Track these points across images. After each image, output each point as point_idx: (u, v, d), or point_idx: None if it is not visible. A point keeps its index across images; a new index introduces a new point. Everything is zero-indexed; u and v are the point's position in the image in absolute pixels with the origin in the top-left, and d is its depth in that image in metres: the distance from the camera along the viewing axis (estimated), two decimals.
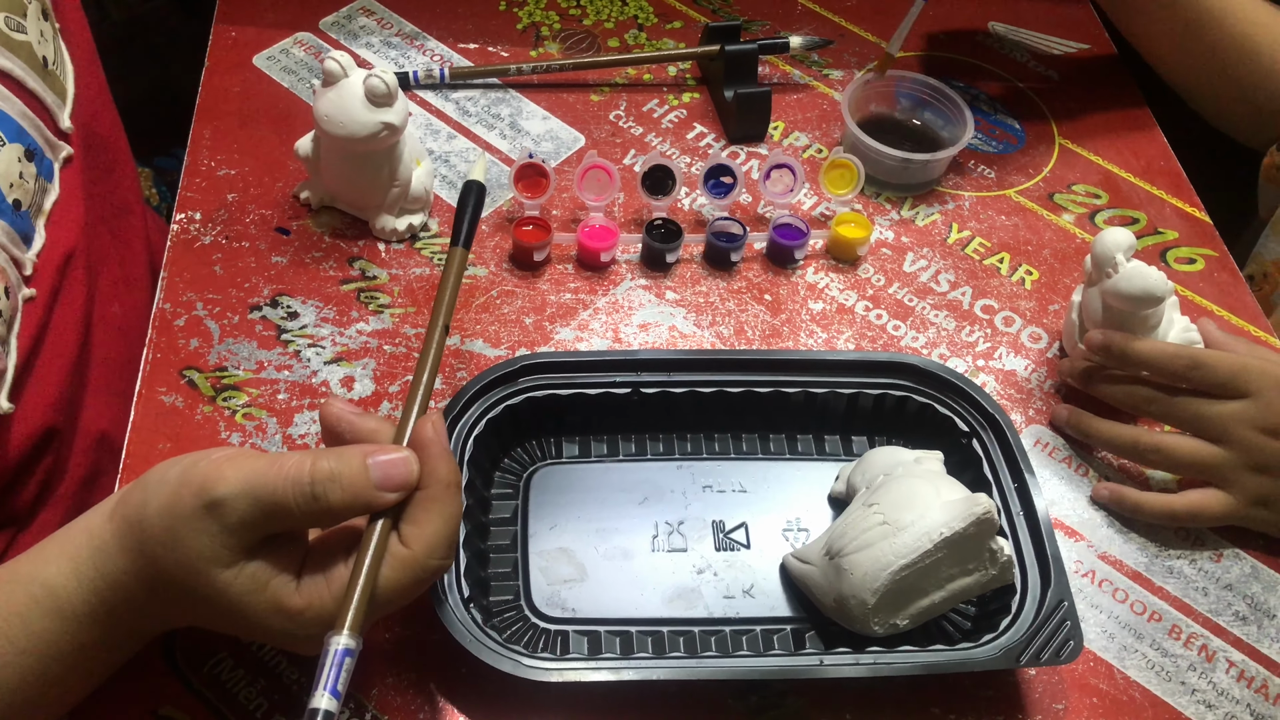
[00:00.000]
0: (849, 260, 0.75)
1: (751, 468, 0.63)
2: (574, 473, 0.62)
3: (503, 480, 0.61)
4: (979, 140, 0.85)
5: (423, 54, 0.85)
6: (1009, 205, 0.80)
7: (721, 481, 0.62)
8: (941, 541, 0.52)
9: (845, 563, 0.53)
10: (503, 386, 0.60)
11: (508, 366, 0.60)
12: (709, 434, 0.64)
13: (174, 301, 0.68)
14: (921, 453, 0.59)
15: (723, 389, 0.62)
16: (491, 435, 0.60)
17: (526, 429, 0.62)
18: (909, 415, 0.63)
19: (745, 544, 0.60)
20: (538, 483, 0.61)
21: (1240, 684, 0.58)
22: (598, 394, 0.61)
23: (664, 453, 0.63)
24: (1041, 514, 0.57)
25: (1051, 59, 0.92)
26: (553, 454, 0.63)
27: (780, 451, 0.64)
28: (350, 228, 0.73)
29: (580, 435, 0.63)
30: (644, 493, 0.61)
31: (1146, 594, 0.61)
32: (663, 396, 0.62)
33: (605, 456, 0.63)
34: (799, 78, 0.88)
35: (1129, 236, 0.64)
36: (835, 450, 0.64)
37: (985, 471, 0.60)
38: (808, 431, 0.64)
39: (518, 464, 0.62)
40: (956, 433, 0.62)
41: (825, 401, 0.63)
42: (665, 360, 0.62)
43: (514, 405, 0.60)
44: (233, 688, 0.54)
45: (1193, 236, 0.80)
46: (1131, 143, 0.86)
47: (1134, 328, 0.65)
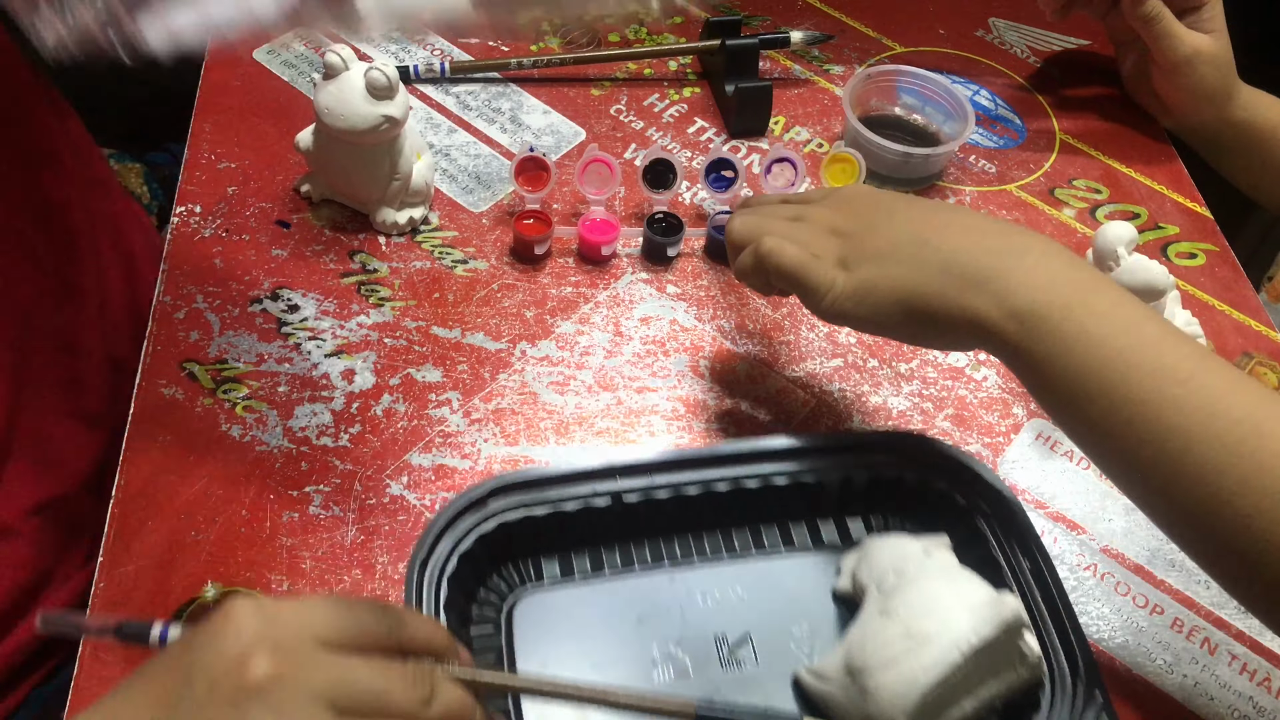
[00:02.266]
0: None
1: (747, 568, 0.59)
2: (559, 597, 0.57)
3: (482, 615, 0.55)
4: (980, 135, 0.85)
5: (423, 48, 0.85)
6: (1010, 200, 0.80)
7: (718, 589, 0.58)
8: (971, 653, 0.48)
9: (870, 683, 0.49)
10: (471, 513, 0.55)
11: (475, 493, 0.55)
12: (698, 535, 0.60)
13: (174, 294, 0.68)
14: (928, 540, 0.55)
15: (709, 487, 0.58)
16: (466, 569, 0.54)
17: (502, 556, 0.57)
18: (905, 494, 0.60)
19: (753, 659, 0.56)
20: (521, 614, 0.56)
21: (1243, 677, 0.58)
22: (576, 509, 0.56)
23: (652, 562, 0.59)
24: (1059, 595, 0.53)
25: (1052, 54, 0.92)
26: (533, 577, 0.57)
27: (775, 545, 0.60)
28: (351, 221, 0.73)
29: (561, 554, 0.58)
30: (637, 612, 0.56)
31: (1148, 587, 0.61)
32: (646, 502, 0.57)
33: (590, 574, 0.58)
34: (800, 73, 0.88)
35: (1130, 230, 0.64)
36: (832, 537, 0.60)
37: (993, 551, 0.56)
38: (800, 519, 0.61)
39: (496, 594, 0.56)
40: (957, 509, 0.58)
41: (818, 487, 0.59)
42: (645, 464, 0.57)
43: (486, 533, 0.55)
44: None
45: (1194, 231, 0.80)
46: (1132, 138, 0.86)
47: None
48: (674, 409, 0.66)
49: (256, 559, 0.57)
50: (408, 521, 0.60)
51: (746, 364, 0.68)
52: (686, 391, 0.67)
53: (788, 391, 0.67)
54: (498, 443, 0.63)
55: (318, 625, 0.41)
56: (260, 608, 0.41)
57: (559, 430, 0.64)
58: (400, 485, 0.61)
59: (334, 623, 0.42)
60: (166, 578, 0.56)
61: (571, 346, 0.68)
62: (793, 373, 0.68)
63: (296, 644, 0.40)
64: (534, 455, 0.63)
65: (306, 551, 0.58)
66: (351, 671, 0.41)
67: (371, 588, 0.57)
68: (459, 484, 0.61)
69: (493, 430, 0.63)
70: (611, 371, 0.67)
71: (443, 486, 0.61)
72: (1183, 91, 0.81)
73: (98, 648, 0.54)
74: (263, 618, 0.41)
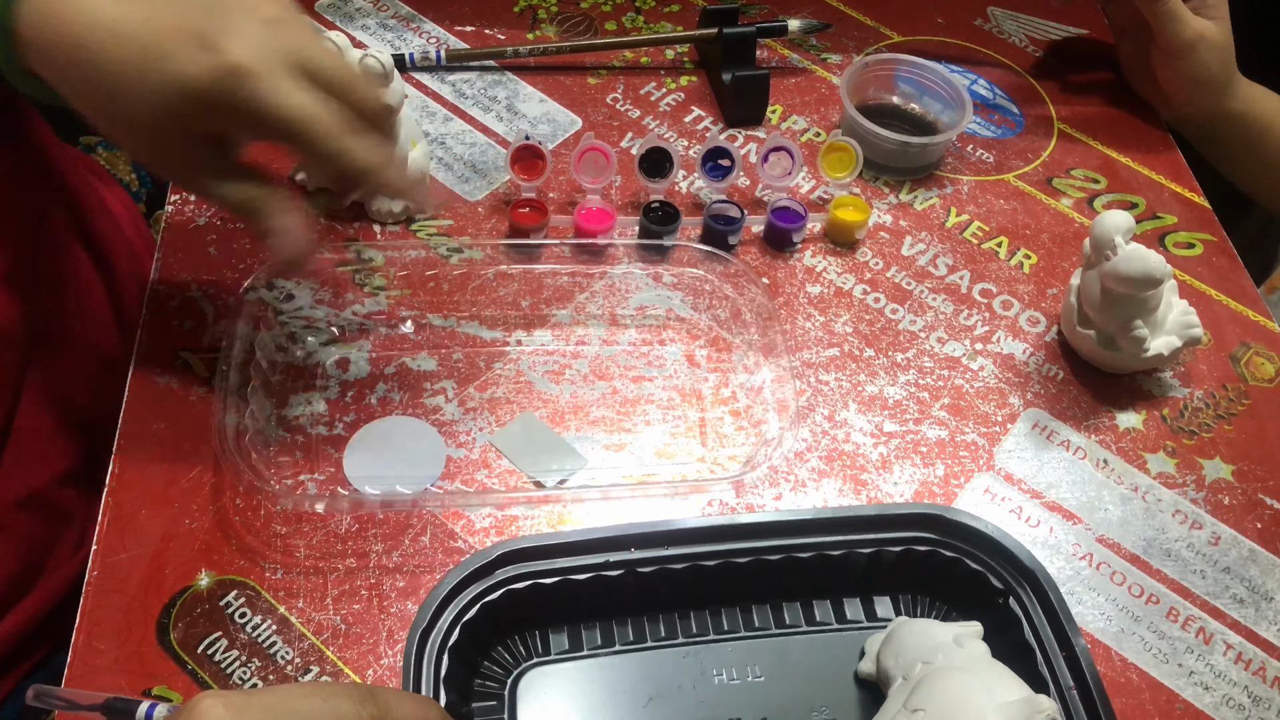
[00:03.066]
0: (847, 244, 0.75)
1: (766, 646, 0.56)
2: (566, 673, 0.54)
3: (484, 690, 0.53)
4: (978, 125, 0.84)
5: (419, 36, 0.84)
6: (1008, 190, 0.80)
7: (735, 668, 0.55)
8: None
9: None
10: (478, 582, 0.53)
11: (482, 558, 0.52)
12: (715, 610, 0.57)
13: (168, 282, 0.67)
14: (959, 628, 0.52)
15: (729, 559, 0.55)
16: (468, 640, 0.52)
17: (508, 627, 0.54)
18: (936, 572, 0.57)
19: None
20: (525, 690, 0.53)
21: (1238, 666, 0.58)
22: (587, 579, 0.54)
23: (666, 637, 0.56)
24: (1095, 687, 0.51)
25: (1050, 44, 0.92)
26: (539, 650, 0.55)
27: (796, 622, 0.57)
28: (346, 210, 0.72)
29: (570, 626, 0.55)
30: (648, 691, 0.54)
31: (1144, 576, 0.61)
32: (661, 574, 0.55)
33: (600, 649, 0.55)
34: (797, 61, 0.87)
35: (1128, 219, 0.64)
36: (857, 616, 0.57)
37: (1027, 635, 0.53)
38: (825, 596, 0.58)
39: (500, 668, 0.54)
40: (990, 590, 0.55)
41: (843, 562, 0.56)
42: (662, 534, 0.55)
43: (492, 602, 0.52)
44: (227, 668, 0.53)
45: (1191, 221, 0.80)
46: (1130, 128, 0.86)
47: (1133, 311, 0.64)
48: (669, 398, 0.66)
49: (250, 548, 0.57)
50: (402, 511, 0.60)
51: (742, 353, 0.68)
52: (683, 381, 0.67)
53: (783, 381, 0.67)
54: (493, 432, 0.63)
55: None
56: (228, 706, 0.39)
57: (554, 420, 0.64)
58: None
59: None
60: (160, 566, 0.56)
61: (567, 335, 0.68)
62: (790, 361, 0.68)
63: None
64: None
65: (300, 540, 0.58)
66: None
67: (365, 576, 0.57)
68: (453, 473, 0.61)
69: (488, 419, 0.63)
70: (607, 360, 0.67)
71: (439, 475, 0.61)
72: (1183, 78, 0.81)
73: (91, 635, 0.54)
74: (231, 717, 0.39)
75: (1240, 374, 0.71)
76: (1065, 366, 0.69)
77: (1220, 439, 0.67)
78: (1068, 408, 0.68)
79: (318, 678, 0.54)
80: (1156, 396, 0.69)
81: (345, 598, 0.56)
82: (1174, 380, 0.70)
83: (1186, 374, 0.70)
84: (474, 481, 0.61)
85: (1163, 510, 0.64)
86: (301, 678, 0.53)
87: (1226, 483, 0.65)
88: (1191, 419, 0.68)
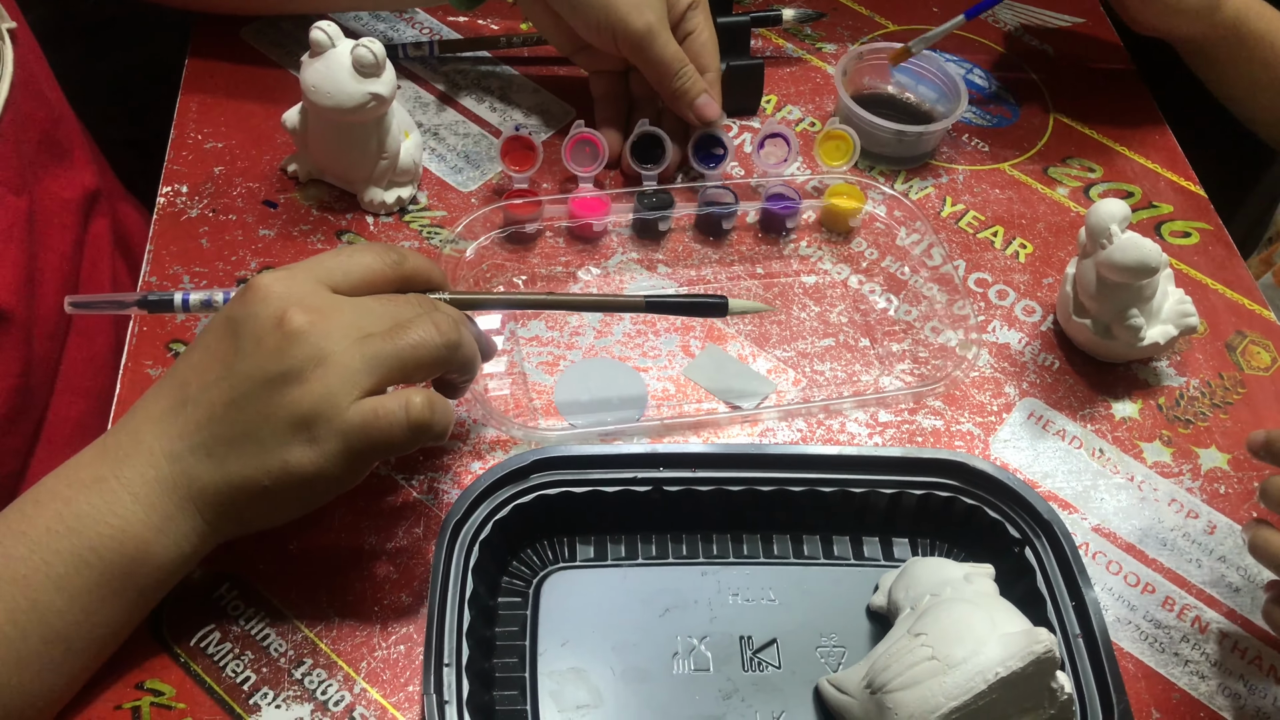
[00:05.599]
0: (842, 232, 0.74)
1: (783, 573, 0.58)
2: (589, 579, 0.57)
3: (510, 587, 0.56)
4: (973, 114, 0.84)
5: (411, 26, 0.84)
6: (1003, 179, 0.80)
7: (750, 590, 0.57)
8: (997, 682, 0.46)
9: (889, 700, 0.48)
10: (511, 484, 0.56)
11: (517, 462, 0.56)
12: (736, 535, 0.59)
13: (160, 274, 0.67)
14: (970, 567, 0.54)
15: (753, 487, 0.57)
16: (499, 538, 0.55)
17: (537, 530, 0.57)
18: (955, 518, 0.58)
19: (776, 664, 0.55)
20: (549, 590, 0.56)
21: (1234, 655, 0.58)
22: (616, 492, 0.56)
23: (687, 556, 0.58)
24: (1101, 636, 0.52)
25: (1046, 33, 0.91)
26: (565, 557, 0.57)
27: (814, 555, 0.59)
28: (338, 200, 0.72)
29: (596, 536, 0.58)
30: (665, 603, 0.56)
31: (1140, 566, 0.61)
32: (687, 495, 0.57)
33: (623, 560, 0.58)
34: (792, 51, 0.87)
35: (1123, 208, 0.63)
36: (875, 554, 0.59)
37: (1039, 584, 0.55)
38: (844, 533, 0.59)
39: (527, 568, 0.57)
40: (1007, 539, 0.57)
41: (865, 501, 0.58)
42: (690, 456, 0.57)
43: (524, 504, 0.55)
44: (220, 660, 0.53)
45: (1187, 210, 0.79)
46: (1126, 116, 0.85)
47: (1129, 299, 0.64)
48: (664, 389, 0.66)
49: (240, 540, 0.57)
50: (396, 502, 0.59)
51: (737, 343, 0.68)
52: (677, 371, 0.66)
53: (779, 371, 0.67)
54: (486, 422, 0.63)
55: (334, 277, 0.51)
56: (278, 276, 0.50)
57: (548, 410, 0.64)
58: (387, 465, 0.61)
59: (345, 271, 0.52)
60: None
61: (561, 326, 0.68)
62: (784, 352, 0.68)
63: (318, 298, 0.50)
64: (524, 436, 0.62)
65: (291, 530, 0.57)
66: (366, 305, 0.51)
67: (359, 568, 0.57)
68: (447, 464, 0.61)
69: (481, 410, 0.63)
70: (601, 351, 0.67)
71: (431, 467, 0.61)
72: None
73: None
74: (285, 282, 0.50)
75: (1236, 362, 0.71)
76: (1061, 356, 0.69)
77: (1216, 428, 0.67)
78: (1063, 397, 0.68)
79: (312, 670, 0.53)
80: (1152, 385, 0.69)
81: (338, 589, 0.56)
82: (1170, 369, 0.70)
83: (1182, 363, 0.70)
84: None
85: (1159, 499, 0.64)
86: (295, 670, 0.53)
87: (1222, 471, 0.65)
88: (1187, 408, 0.68)
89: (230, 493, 0.49)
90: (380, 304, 0.51)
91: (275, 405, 0.48)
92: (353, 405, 0.48)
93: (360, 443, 0.48)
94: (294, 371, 0.48)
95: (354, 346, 0.48)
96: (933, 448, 0.64)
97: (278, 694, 0.52)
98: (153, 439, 0.49)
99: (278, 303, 0.49)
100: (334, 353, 0.48)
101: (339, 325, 0.49)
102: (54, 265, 0.66)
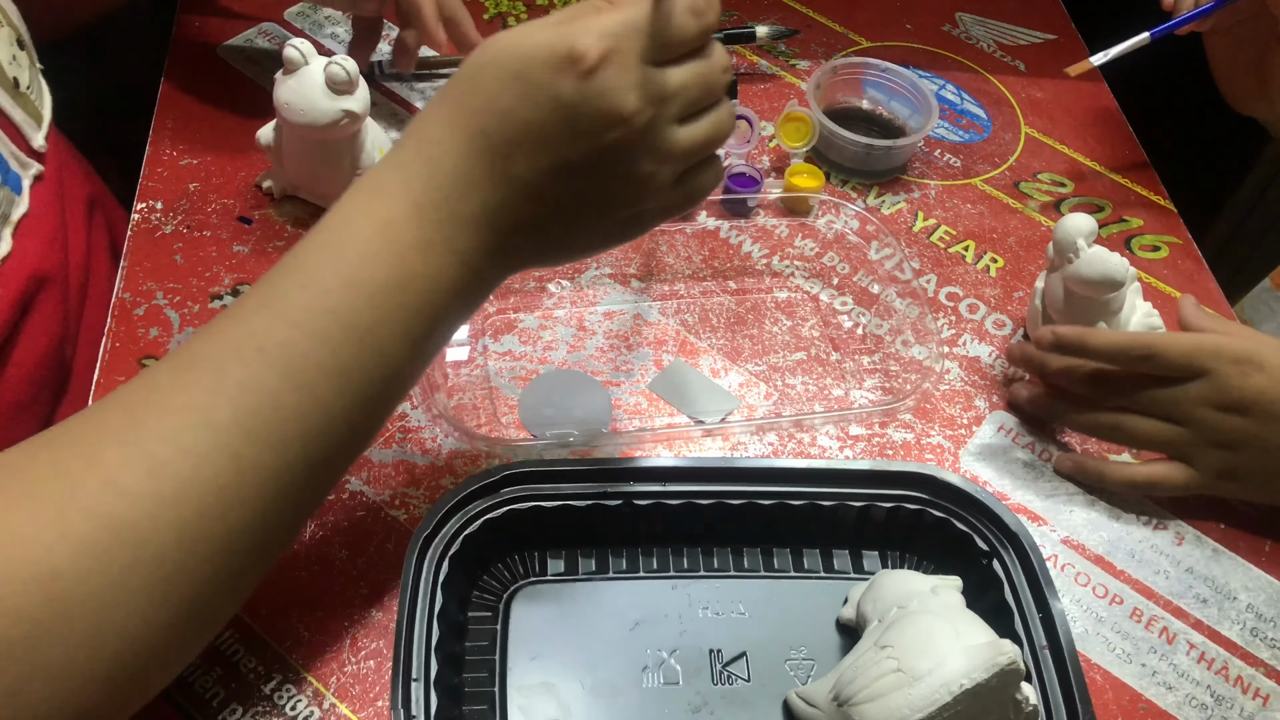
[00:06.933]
0: (803, 212, 0.76)
1: (753, 586, 0.58)
2: (559, 593, 0.57)
3: (480, 602, 0.56)
4: (945, 129, 0.85)
5: (388, 44, 0.84)
6: (975, 194, 0.81)
7: (720, 603, 0.57)
8: (962, 694, 0.47)
9: (855, 713, 0.49)
10: (481, 499, 0.56)
11: (488, 477, 0.56)
12: (707, 549, 0.59)
13: (133, 291, 0.67)
14: (938, 580, 0.54)
15: (723, 500, 0.57)
16: (470, 553, 0.55)
17: (507, 544, 0.57)
18: (924, 530, 0.59)
19: (745, 677, 0.55)
20: (519, 604, 0.56)
21: (1200, 665, 0.59)
22: (586, 506, 0.57)
23: (658, 569, 0.58)
24: (1067, 647, 0.52)
25: (1018, 49, 0.92)
26: (536, 570, 0.58)
27: (784, 568, 0.59)
28: (313, 217, 0.72)
29: (566, 550, 0.58)
30: (635, 616, 0.56)
31: (1108, 577, 0.61)
32: (657, 509, 0.57)
33: (594, 574, 0.58)
34: (766, 68, 0.88)
35: (1090, 222, 0.64)
36: (844, 567, 0.59)
37: (1006, 596, 0.55)
38: (814, 546, 0.60)
39: (497, 583, 0.57)
40: (975, 551, 0.57)
41: (834, 514, 0.58)
42: (661, 470, 0.58)
43: (494, 519, 0.55)
44: (188, 676, 0.53)
45: (1157, 224, 0.80)
46: (1097, 131, 0.86)
47: (1096, 313, 0.65)
48: (637, 403, 0.66)
49: None
50: (367, 518, 0.59)
51: (709, 358, 0.68)
52: (650, 386, 0.67)
53: (750, 385, 0.67)
54: (460, 438, 0.63)
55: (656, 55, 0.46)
56: (610, 60, 0.45)
57: (520, 425, 0.64)
58: (360, 481, 0.61)
59: (662, 45, 0.46)
60: None
61: (534, 341, 0.68)
62: (755, 365, 0.68)
63: (617, 37, 0.45)
64: (496, 451, 0.63)
65: None
66: (682, 82, 0.47)
67: (329, 583, 0.57)
68: (419, 479, 0.61)
69: (452, 425, 0.63)
70: (574, 366, 0.67)
71: (403, 482, 0.61)
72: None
73: None
74: (621, 71, 0.45)
75: None
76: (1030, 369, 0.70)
77: None
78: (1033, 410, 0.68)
79: (281, 686, 0.53)
80: None
81: (308, 604, 0.56)
82: None
83: None
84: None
85: (1127, 511, 0.64)
86: (264, 686, 0.53)
87: None
88: None
89: (552, 264, 0.53)
90: (693, 79, 0.48)
91: (609, 196, 0.48)
92: (676, 186, 0.49)
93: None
94: (633, 167, 0.47)
95: (684, 136, 0.48)
96: (902, 460, 0.64)
97: (247, 710, 0.52)
98: (478, 209, 0.46)
99: (619, 98, 0.45)
100: (664, 140, 0.47)
101: (667, 114, 0.47)
102: (75, 245, 0.68)
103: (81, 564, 0.40)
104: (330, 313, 0.45)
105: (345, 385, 0.45)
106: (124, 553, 0.40)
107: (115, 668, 0.41)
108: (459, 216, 0.46)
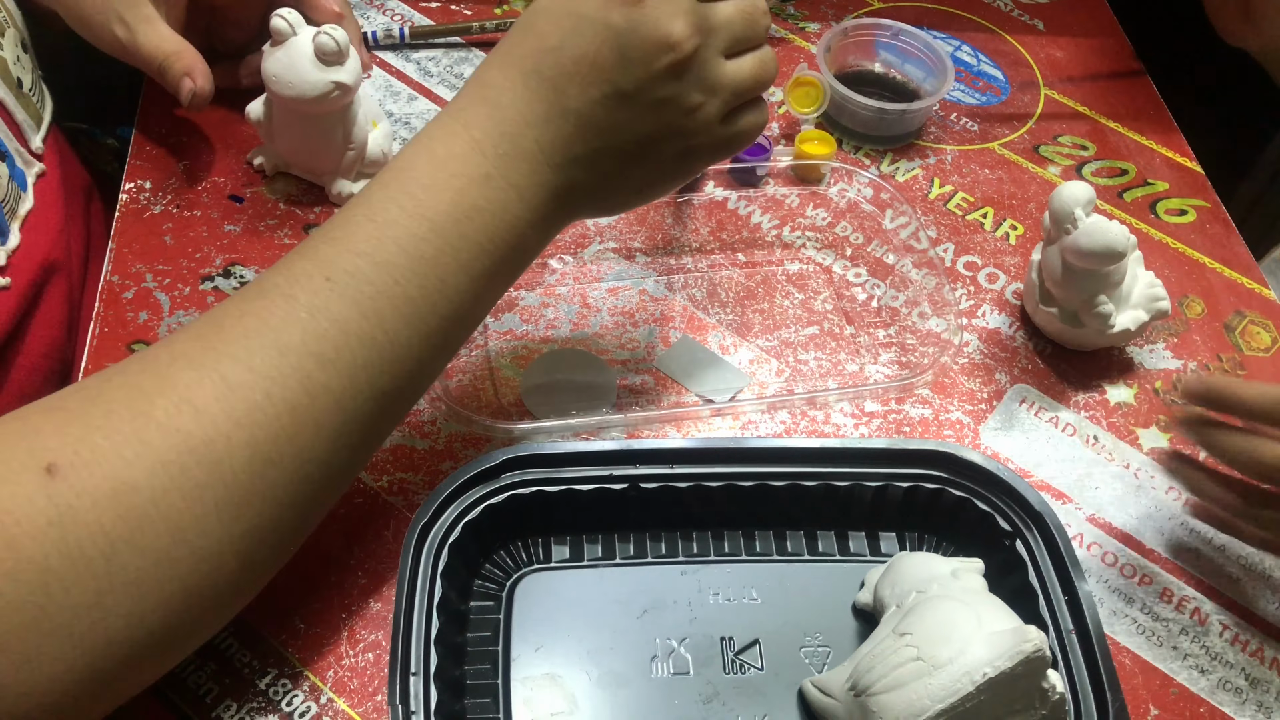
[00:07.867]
0: (814, 180, 0.73)
1: (765, 571, 0.56)
2: (563, 580, 0.55)
3: (482, 590, 0.54)
4: (961, 92, 0.82)
5: (382, 13, 0.82)
6: (993, 159, 0.77)
7: (731, 589, 0.55)
8: (985, 683, 0.45)
9: (873, 703, 0.47)
10: (482, 484, 0.53)
11: (488, 461, 0.53)
12: (717, 533, 0.57)
13: (122, 274, 0.65)
14: (959, 562, 0.52)
15: (733, 482, 0.55)
16: (470, 540, 0.53)
17: (510, 531, 0.55)
18: (943, 511, 0.56)
19: (758, 666, 0.53)
20: (522, 593, 0.54)
21: (1234, 648, 0.56)
22: (591, 490, 0.54)
23: (666, 555, 0.56)
24: (1095, 630, 0.50)
25: (1036, 7, 0.89)
26: (539, 558, 0.55)
27: (798, 551, 0.57)
28: (306, 194, 0.70)
29: (571, 536, 0.56)
30: (643, 604, 0.54)
31: (1136, 556, 0.59)
32: (665, 492, 0.55)
33: (599, 560, 0.55)
34: (775, 31, 0.85)
35: (1087, 190, 0.61)
36: (860, 549, 0.57)
37: (1030, 578, 0.53)
38: (829, 528, 0.57)
39: (500, 570, 0.55)
40: (997, 532, 0.55)
41: (849, 495, 0.56)
42: (668, 451, 0.55)
43: (496, 505, 0.53)
44: (180, 671, 0.51)
45: (1183, 187, 0.77)
46: (1119, 91, 0.83)
47: (1096, 285, 0.62)
48: (644, 382, 0.64)
49: None
50: (364, 505, 0.57)
51: (719, 334, 0.66)
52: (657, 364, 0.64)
53: (761, 361, 0.65)
54: (459, 421, 0.61)
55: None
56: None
57: (521, 407, 0.62)
58: None
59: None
60: None
61: (536, 319, 0.66)
62: (766, 341, 0.66)
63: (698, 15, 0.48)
64: (497, 435, 0.60)
65: None
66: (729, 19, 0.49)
67: (326, 573, 0.55)
68: (418, 465, 0.59)
69: (453, 408, 0.61)
70: (578, 345, 0.65)
71: (401, 467, 0.59)
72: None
73: None
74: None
75: (1235, 344, 0.68)
76: (1053, 340, 0.67)
77: None
78: (1055, 383, 0.65)
79: (277, 680, 0.52)
80: (1148, 369, 0.67)
81: (304, 596, 0.54)
82: (1166, 352, 0.68)
83: (1179, 345, 0.68)
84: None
85: (1156, 487, 0.62)
86: (259, 681, 0.51)
87: None
88: None
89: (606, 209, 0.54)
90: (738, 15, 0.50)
91: (661, 127, 0.49)
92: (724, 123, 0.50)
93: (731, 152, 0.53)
94: (682, 96, 0.48)
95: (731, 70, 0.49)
96: (920, 438, 0.62)
97: (242, 706, 0.51)
98: (533, 144, 0.48)
99: (669, 23, 0.47)
100: (712, 72, 0.49)
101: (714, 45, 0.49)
102: (75, 235, 0.68)
103: (157, 479, 0.40)
104: (395, 241, 0.45)
105: (411, 315, 0.46)
106: (199, 470, 0.41)
107: (189, 587, 0.41)
108: (516, 152, 0.47)
